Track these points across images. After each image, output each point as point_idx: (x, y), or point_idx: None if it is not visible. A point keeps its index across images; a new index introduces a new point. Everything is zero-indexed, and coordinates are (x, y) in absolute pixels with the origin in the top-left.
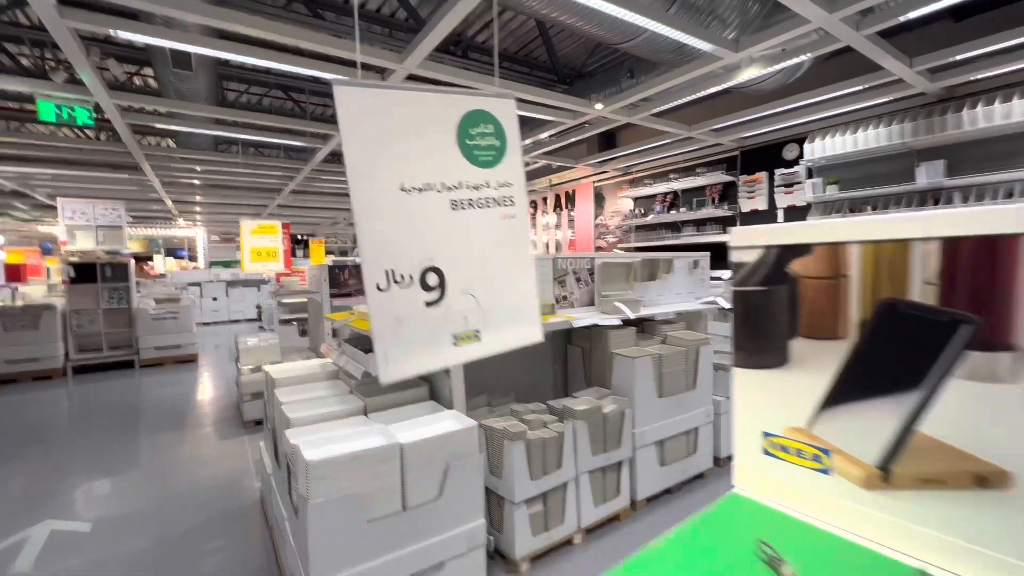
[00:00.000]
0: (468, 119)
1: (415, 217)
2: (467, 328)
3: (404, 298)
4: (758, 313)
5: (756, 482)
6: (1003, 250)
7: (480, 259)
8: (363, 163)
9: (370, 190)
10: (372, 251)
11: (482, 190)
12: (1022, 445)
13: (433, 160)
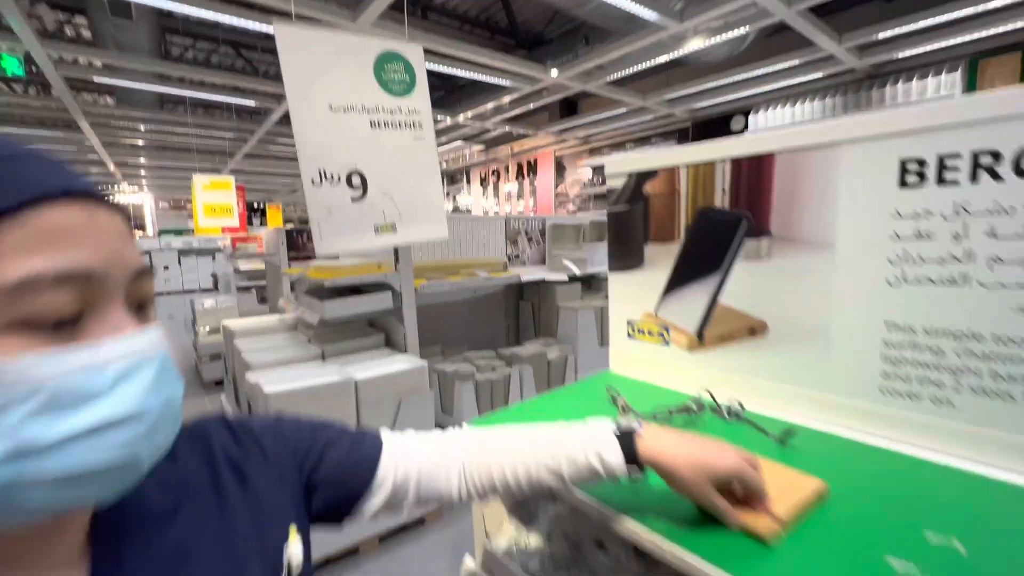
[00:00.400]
0: (383, 58)
1: (341, 130)
2: (385, 221)
3: (333, 193)
4: (624, 227)
5: (623, 361)
6: (764, 164)
7: (395, 168)
8: (299, 86)
9: (305, 107)
10: (307, 154)
11: (396, 115)
12: (772, 303)
13: (355, 87)
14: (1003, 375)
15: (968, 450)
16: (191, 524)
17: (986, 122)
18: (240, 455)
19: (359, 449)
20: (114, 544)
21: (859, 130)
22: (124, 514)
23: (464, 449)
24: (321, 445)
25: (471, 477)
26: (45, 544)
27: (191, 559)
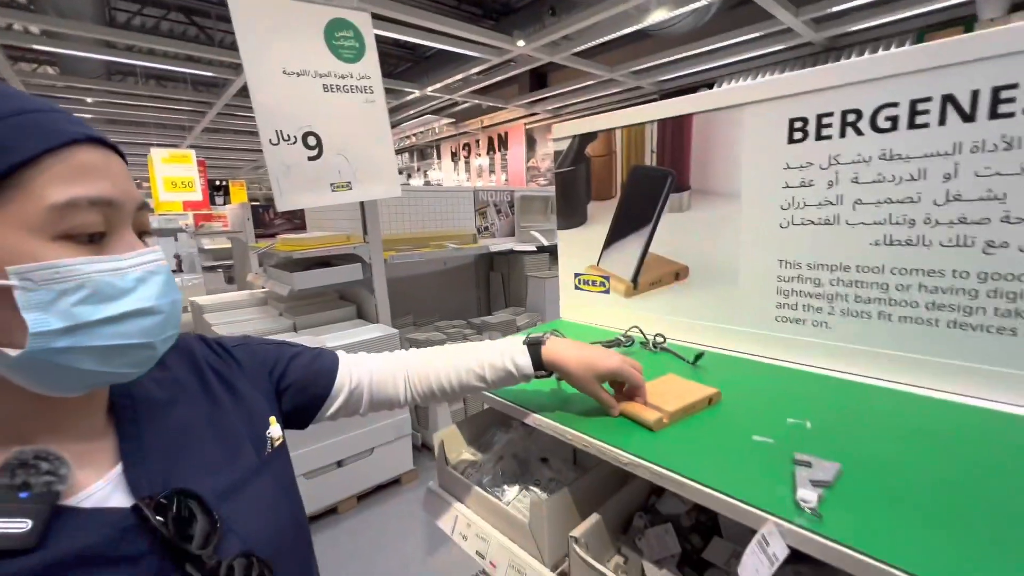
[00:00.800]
0: (332, 25)
1: (295, 93)
2: (341, 179)
3: (290, 152)
4: (569, 187)
5: (572, 309)
6: (684, 125)
7: (348, 130)
8: (253, 50)
9: (260, 71)
10: (263, 114)
11: (347, 79)
12: (692, 249)
13: (307, 53)
14: (864, 299)
15: (838, 362)
16: (188, 412)
17: (850, 85)
18: (220, 363)
19: (319, 361)
20: (131, 421)
21: (757, 94)
22: (134, 401)
23: (407, 362)
24: (287, 357)
25: (414, 384)
26: (79, 418)
27: (192, 435)
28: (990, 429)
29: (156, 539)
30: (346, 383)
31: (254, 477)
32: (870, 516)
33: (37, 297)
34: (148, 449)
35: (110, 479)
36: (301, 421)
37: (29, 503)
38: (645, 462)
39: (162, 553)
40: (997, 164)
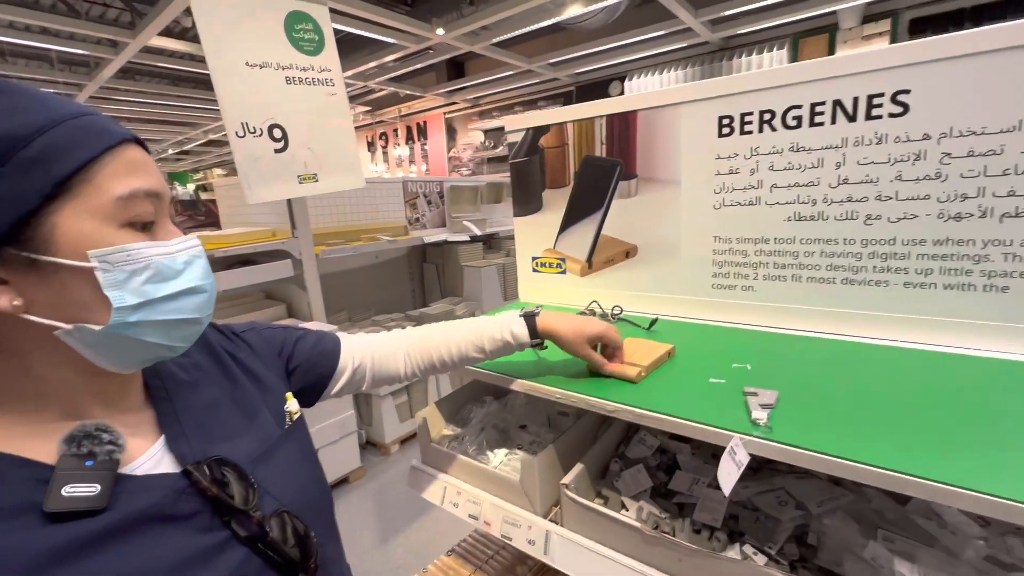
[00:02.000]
0: (292, 17)
1: (258, 86)
2: (307, 171)
3: (257, 144)
4: (524, 176)
5: (530, 291)
6: (629, 120)
7: (312, 122)
8: (214, 42)
9: (222, 63)
10: (228, 107)
11: (308, 72)
12: (640, 230)
13: (268, 45)
14: (780, 265)
15: (762, 318)
16: (212, 391)
17: (766, 90)
18: (233, 347)
19: (322, 343)
20: (165, 400)
21: (692, 94)
22: (164, 382)
23: (407, 339)
24: (293, 339)
25: (414, 359)
26: (124, 395)
27: (219, 411)
28: (873, 357)
29: (205, 499)
30: (349, 363)
31: (280, 445)
32: (804, 424)
33: (114, 277)
34: (184, 423)
35: (156, 449)
36: (308, 400)
37: (95, 470)
38: (629, 407)
39: (211, 511)
40: (872, 155)
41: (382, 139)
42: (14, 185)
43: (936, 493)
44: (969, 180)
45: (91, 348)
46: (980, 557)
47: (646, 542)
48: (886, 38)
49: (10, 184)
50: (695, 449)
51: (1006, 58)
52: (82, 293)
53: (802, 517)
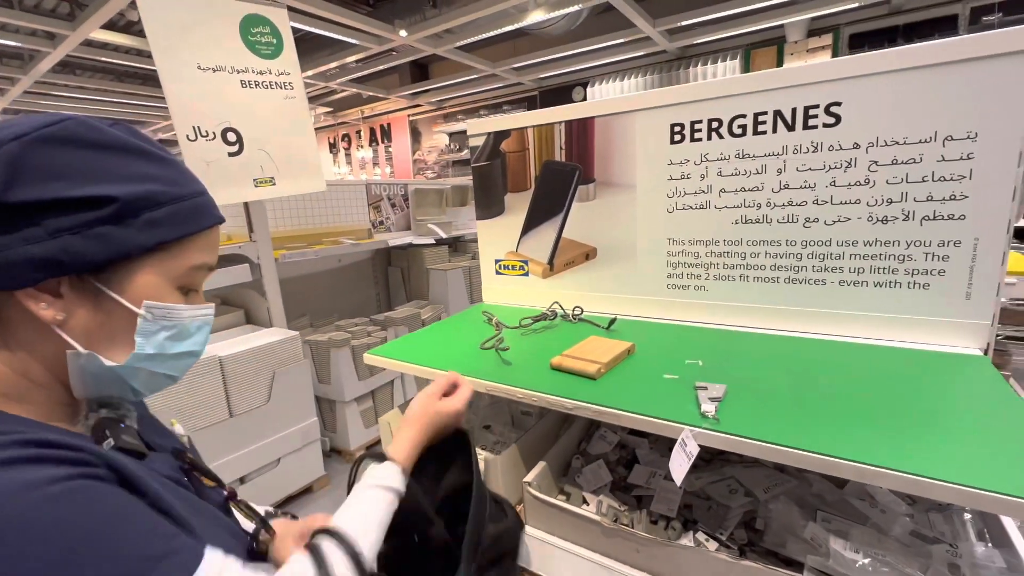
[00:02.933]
0: (248, 20)
1: (211, 89)
2: (264, 175)
3: (209, 148)
4: (486, 180)
5: (493, 293)
6: (588, 126)
7: (269, 126)
8: (164, 44)
9: (172, 66)
10: (178, 110)
11: (266, 75)
12: (599, 233)
13: (222, 48)
14: (730, 265)
15: (714, 316)
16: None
17: (713, 99)
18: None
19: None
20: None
21: (646, 102)
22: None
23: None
24: None
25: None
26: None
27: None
28: (813, 351)
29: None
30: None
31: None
32: (749, 415)
33: (148, 328)
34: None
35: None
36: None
37: (127, 431)
38: (587, 404)
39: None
40: (809, 162)
41: (344, 141)
42: (130, 235)
43: (865, 474)
44: (894, 186)
45: (84, 373)
46: (906, 532)
47: (606, 535)
48: (828, 51)
49: (128, 232)
50: (653, 443)
51: (923, 75)
52: (116, 331)
53: (750, 503)
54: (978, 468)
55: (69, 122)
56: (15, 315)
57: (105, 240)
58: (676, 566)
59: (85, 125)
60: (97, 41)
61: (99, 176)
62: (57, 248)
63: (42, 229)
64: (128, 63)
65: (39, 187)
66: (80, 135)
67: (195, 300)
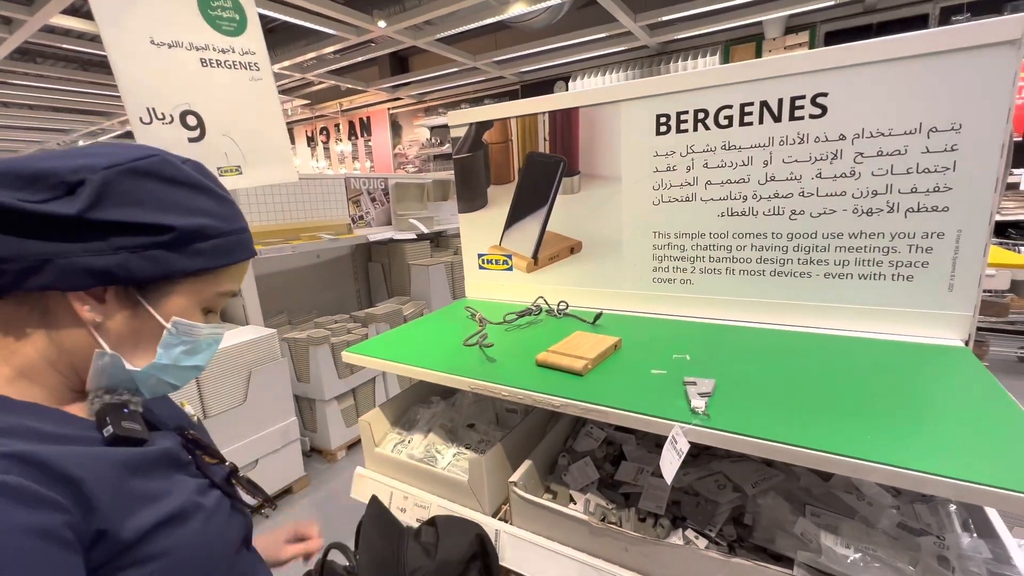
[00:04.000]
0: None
1: (166, 66)
2: (229, 163)
3: (167, 133)
4: (468, 172)
5: (476, 288)
6: (571, 117)
7: (234, 110)
8: (110, 14)
9: (121, 38)
10: (129, 90)
11: (228, 54)
12: (584, 226)
13: (179, 23)
14: (716, 258)
15: (700, 310)
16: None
17: (700, 89)
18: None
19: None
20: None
21: (630, 92)
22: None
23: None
24: None
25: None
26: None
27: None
28: (800, 344)
29: (191, 453)
30: None
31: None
32: (739, 410)
33: (170, 341)
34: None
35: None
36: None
37: (131, 417)
38: (574, 401)
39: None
40: (795, 153)
41: (323, 134)
42: (178, 259)
43: (860, 470)
44: (879, 178)
45: (103, 371)
46: (893, 524)
47: (593, 534)
48: (805, 48)
49: (176, 257)
50: (640, 439)
51: (909, 66)
52: (142, 340)
53: (739, 499)
54: (965, 460)
55: (155, 158)
56: (59, 311)
57: (156, 261)
58: (666, 565)
59: (166, 162)
60: (58, 27)
61: (167, 207)
62: (115, 262)
63: (107, 244)
64: (92, 51)
65: (118, 210)
66: (161, 170)
67: (212, 320)
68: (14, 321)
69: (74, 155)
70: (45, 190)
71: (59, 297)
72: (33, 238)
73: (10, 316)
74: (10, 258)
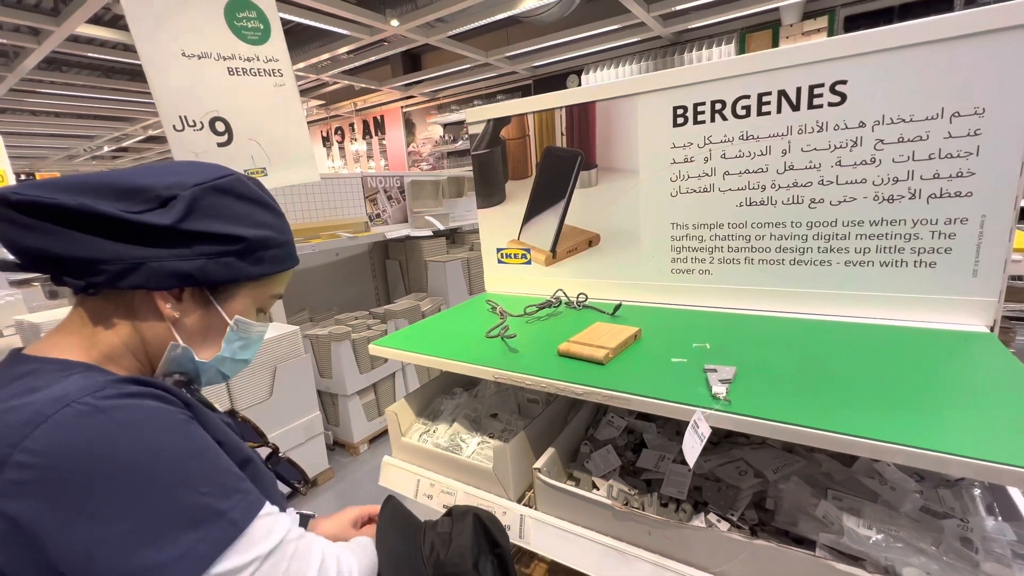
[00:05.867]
0: (232, 5)
1: (197, 77)
2: (255, 166)
3: (198, 138)
4: (486, 168)
5: (496, 282)
6: (589, 110)
7: (259, 115)
8: (145, 30)
9: (155, 53)
10: (164, 100)
11: (253, 62)
12: (602, 219)
13: (207, 35)
14: (734, 248)
15: (719, 300)
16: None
17: (717, 80)
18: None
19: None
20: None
21: (648, 85)
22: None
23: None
24: None
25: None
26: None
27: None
28: (820, 332)
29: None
30: None
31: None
32: (760, 396)
33: (231, 336)
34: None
35: None
36: None
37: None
38: (597, 389)
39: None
40: (814, 141)
41: (338, 134)
42: (245, 266)
43: (879, 451)
44: (900, 164)
45: (172, 360)
46: (917, 508)
47: (617, 518)
48: (824, 34)
49: (244, 264)
50: (660, 428)
51: (932, 50)
52: (210, 335)
53: (760, 484)
54: (991, 442)
55: (231, 177)
56: (144, 307)
57: (228, 267)
58: (689, 547)
59: (239, 181)
60: (83, 36)
61: (240, 220)
62: (196, 267)
63: (191, 251)
64: (115, 58)
65: (202, 222)
66: (236, 188)
67: (262, 320)
68: (104, 314)
69: (164, 173)
70: (142, 202)
71: (144, 295)
72: (131, 243)
73: (101, 309)
74: (110, 260)
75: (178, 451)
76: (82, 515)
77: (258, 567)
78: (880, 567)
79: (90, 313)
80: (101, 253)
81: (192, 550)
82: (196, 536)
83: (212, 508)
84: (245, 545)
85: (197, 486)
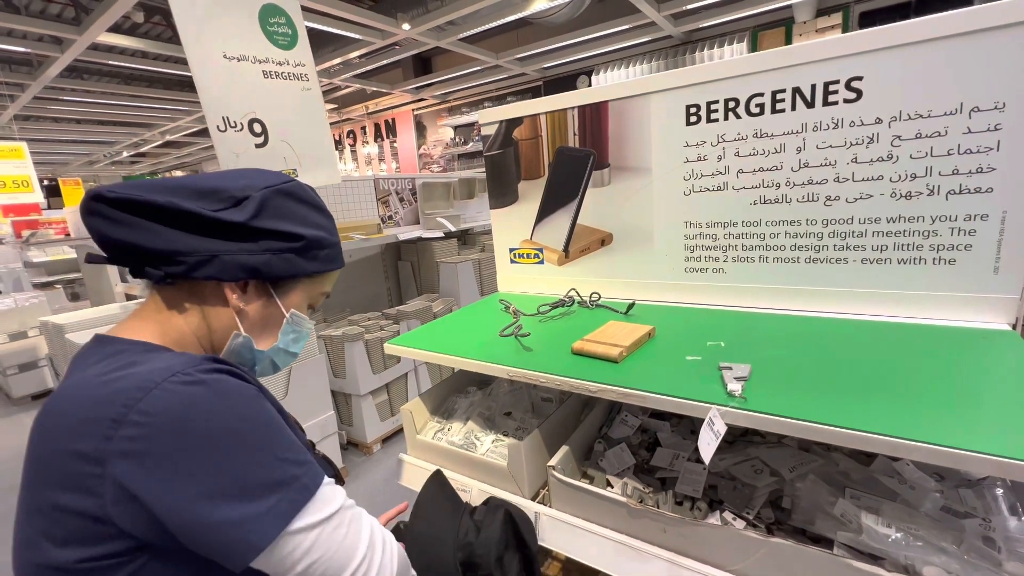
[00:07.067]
0: (265, 11)
1: (237, 79)
2: (287, 166)
3: (238, 138)
4: (499, 169)
5: (509, 282)
6: (602, 111)
7: (289, 117)
8: (191, 32)
9: (201, 54)
10: (208, 101)
11: (284, 66)
12: (614, 218)
13: (244, 38)
14: (748, 247)
15: (733, 299)
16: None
17: (730, 79)
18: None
19: None
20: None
21: (661, 84)
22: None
23: None
24: None
25: None
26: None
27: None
28: (836, 330)
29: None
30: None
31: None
32: (775, 393)
33: (287, 329)
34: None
35: None
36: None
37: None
38: (612, 386)
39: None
40: (829, 139)
41: (350, 137)
42: (303, 263)
43: (899, 448)
44: (918, 161)
45: (234, 348)
46: (937, 508)
47: (632, 516)
48: (838, 30)
49: (302, 261)
50: (674, 426)
51: (947, 45)
52: (268, 326)
53: (776, 483)
54: (1015, 439)
55: (293, 183)
56: (212, 297)
57: (289, 263)
58: (704, 545)
59: (300, 186)
60: (103, 44)
61: (301, 221)
62: (261, 261)
63: (257, 247)
64: (135, 66)
65: (270, 221)
66: (297, 192)
67: (311, 316)
68: (176, 301)
69: (236, 177)
70: (218, 201)
71: (215, 286)
72: (209, 237)
73: (174, 297)
74: (190, 252)
75: (263, 420)
76: (183, 471)
77: (324, 527)
78: (900, 566)
79: (166, 301)
80: (181, 246)
81: (275, 507)
82: (278, 496)
83: (290, 472)
84: (315, 508)
85: (278, 452)
